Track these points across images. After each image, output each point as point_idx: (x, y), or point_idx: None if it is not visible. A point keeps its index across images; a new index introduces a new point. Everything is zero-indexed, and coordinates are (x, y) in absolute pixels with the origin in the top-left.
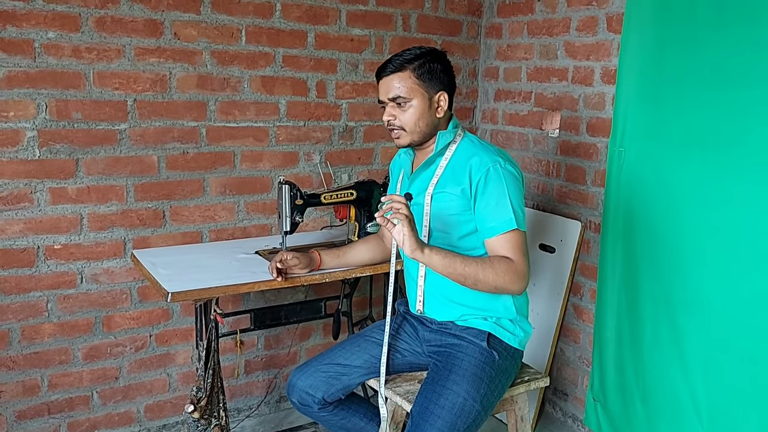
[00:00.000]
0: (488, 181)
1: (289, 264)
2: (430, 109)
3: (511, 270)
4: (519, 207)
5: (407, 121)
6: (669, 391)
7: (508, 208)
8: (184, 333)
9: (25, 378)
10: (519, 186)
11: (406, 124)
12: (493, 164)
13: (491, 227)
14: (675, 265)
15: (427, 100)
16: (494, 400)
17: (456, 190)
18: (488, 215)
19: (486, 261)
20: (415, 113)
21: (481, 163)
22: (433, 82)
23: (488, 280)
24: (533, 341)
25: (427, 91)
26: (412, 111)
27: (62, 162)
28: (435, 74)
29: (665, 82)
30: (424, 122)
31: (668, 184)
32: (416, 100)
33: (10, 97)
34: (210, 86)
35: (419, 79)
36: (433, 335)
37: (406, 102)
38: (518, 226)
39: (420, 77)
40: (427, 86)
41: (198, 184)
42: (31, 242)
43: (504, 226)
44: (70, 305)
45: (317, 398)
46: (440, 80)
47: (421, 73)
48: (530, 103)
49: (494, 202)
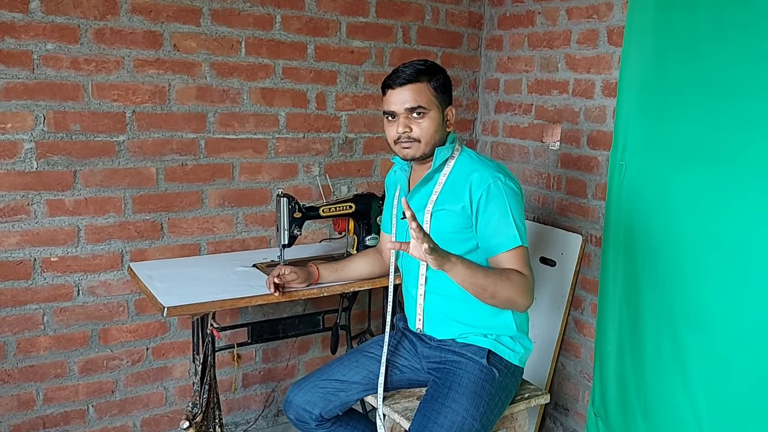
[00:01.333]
0: (490, 197)
1: (287, 279)
2: (443, 123)
3: (524, 284)
4: (521, 223)
5: (424, 133)
6: (671, 407)
7: (511, 225)
8: (182, 346)
9: (20, 391)
10: (519, 201)
11: (422, 136)
12: (494, 180)
13: (495, 244)
14: (676, 279)
15: (441, 113)
16: (494, 419)
17: (456, 207)
18: (491, 232)
19: (503, 273)
20: (433, 125)
21: (482, 179)
22: (445, 96)
23: (504, 292)
24: (534, 355)
25: (440, 104)
26: (429, 123)
27: (60, 174)
28: (447, 88)
29: (666, 94)
30: (438, 135)
31: (669, 198)
32: (433, 112)
33: (8, 108)
34: (209, 98)
35: (435, 91)
36: (432, 352)
37: (425, 113)
38: (522, 243)
39: (436, 89)
40: (441, 99)
41: (196, 196)
42: (27, 254)
43: (509, 243)
44: (67, 318)
45: (315, 415)
46: (449, 95)
47: (437, 86)
48: (531, 116)
49: (497, 219)
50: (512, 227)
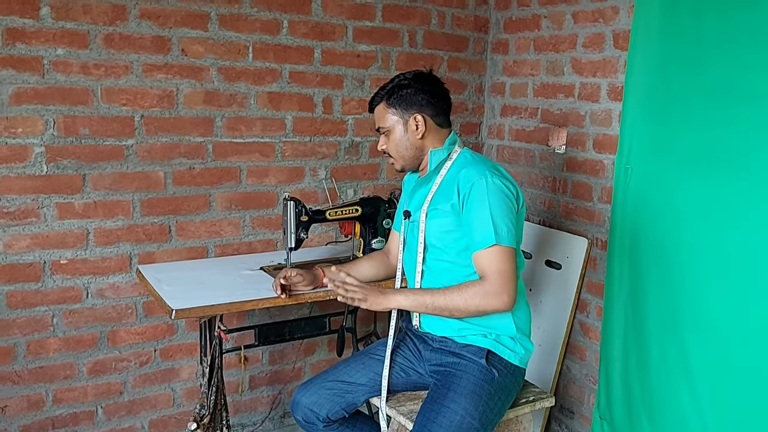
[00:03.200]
0: (471, 194)
1: (293, 281)
2: (406, 133)
3: (481, 291)
4: (502, 221)
5: (391, 148)
6: (676, 410)
7: (488, 223)
8: (189, 348)
9: (30, 392)
10: (505, 200)
11: (391, 151)
12: (479, 178)
13: (474, 242)
14: (681, 283)
15: (403, 125)
16: (494, 418)
17: (446, 206)
18: (471, 230)
19: (455, 288)
20: (394, 140)
21: (468, 177)
22: (404, 107)
23: (459, 306)
24: (539, 358)
25: (401, 117)
26: (394, 139)
27: (69, 177)
28: (406, 98)
29: (672, 98)
30: (403, 146)
31: (675, 202)
32: (396, 127)
33: (18, 113)
34: (217, 102)
35: (392, 107)
36: (433, 354)
37: (388, 133)
38: (498, 241)
39: (392, 105)
40: (401, 112)
41: (204, 199)
42: (37, 257)
43: (484, 242)
44: (76, 320)
45: (321, 416)
46: (414, 103)
47: (393, 102)
48: (537, 119)
49: (474, 218)
50: (489, 225)
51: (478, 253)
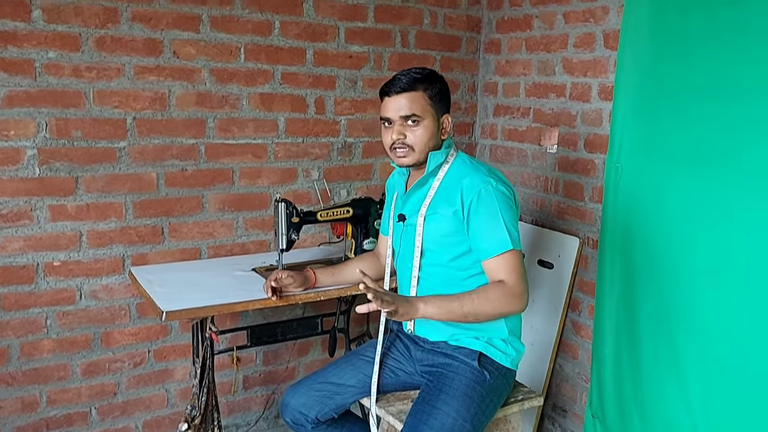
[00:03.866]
0: (480, 202)
1: (284, 283)
2: (437, 131)
3: (507, 294)
4: (513, 226)
5: (418, 140)
6: (667, 409)
7: (502, 229)
8: (183, 349)
9: (24, 394)
10: (511, 205)
11: (416, 144)
12: (484, 185)
13: (486, 248)
14: (672, 281)
15: (436, 121)
16: (485, 420)
17: (448, 212)
18: (482, 236)
19: (480, 293)
20: (427, 133)
21: (473, 184)
22: (441, 104)
23: (486, 311)
24: (532, 357)
25: (436, 113)
26: (423, 131)
27: (62, 180)
28: (443, 96)
29: (661, 97)
30: (432, 143)
31: (665, 200)
32: (428, 120)
33: (10, 116)
34: (209, 104)
35: (431, 100)
36: (425, 355)
37: (420, 121)
38: (513, 246)
39: (431, 98)
40: (437, 107)
41: (197, 200)
42: (30, 259)
43: (499, 248)
44: (69, 321)
45: (310, 417)
46: (446, 103)
47: (433, 94)
48: (529, 119)
49: (487, 223)
50: (503, 230)
51: (493, 258)
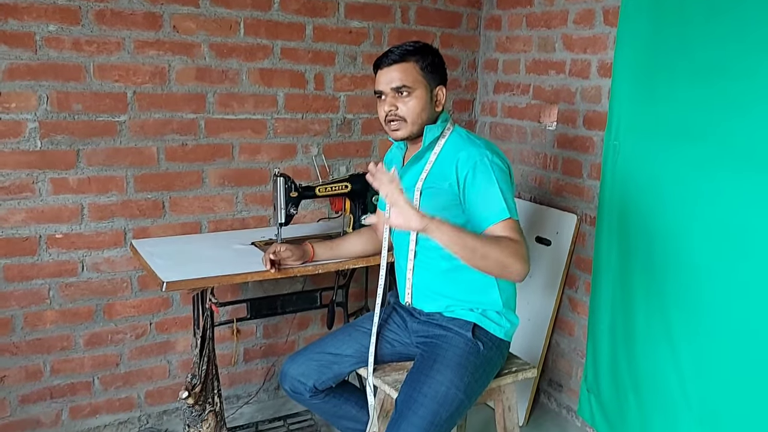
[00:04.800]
0: (476, 173)
1: (282, 256)
2: (431, 102)
3: (516, 250)
4: (509, 197)
5: (410, 111)
6: (661, 383)
7: (499, 198)
8: (184, 321)
9: (28, 363)
10: (507, 178)
11: (408, 115)
12: (480, 157)
13: (484, 218)
14: (667, 258)
15: (429, 92)
16: (478, 389)
17: (444, 185)
18: (479, 207)
19: (492, 238)
20: (418, 104)
21: (468, 156)
22: (434, 75)
23: (494, 254)
24: (528, 333)
25: (429, 84)
26: (415, 102)
27: (63, 153)
28: (436, 68)
29: (659, 75)
30: (425, 114)
31: (661, 178)
32: (419, 91)
33: (12, 89)
34: (209, 78)
35: (423, 71)
36: (420, 326)
37: (411, 92)
38: (511, 215)
39: (423, 69)
40: (429, 78)
41: (197, 175)
42: (33, 231)
43: (498, 216)
44: (72, 293)
45: (308, 386)
46: (440, 74)
47: (424, 65)
48: (528, 96)
49: (484, 194)
50: (500, 200)
51: (492, 227)
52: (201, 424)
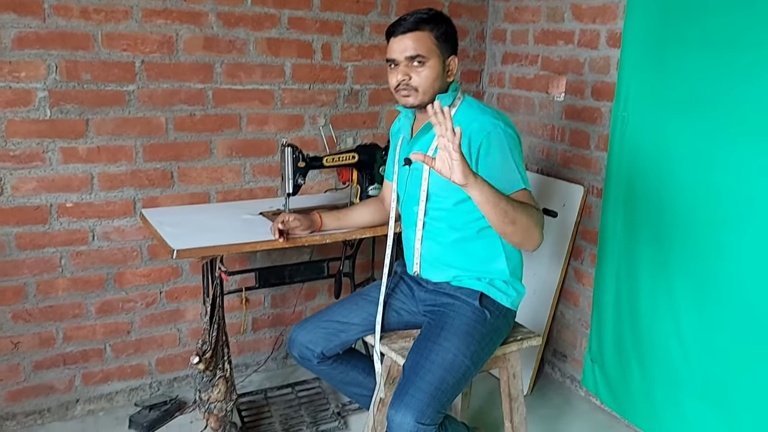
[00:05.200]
0: (490, 144)
1: (291, 225)
2: (443, 72)
3: (538, 219)
4: (522, 168)
5: (423, 81)
6: (664, 355)
7: (513, 169)
8: (193, 290)
9: (41, 330)
10: (518, 148)
11: (420, 85)
12: (493, 127)
13: (500, 188)
14: (673, 230)
15: (442, 62)
16: (485, 357)
17: None
18: (493, 178)
19: (521, 204)
20: (432, 74)
21: (481, 127)
22: (447, 45)
23: (524, 219)
24: (534, 304)
25: (442, 53)
26: (429, 72)
27: (73, 122)
28: (449, 37)
29: (669, 45)
30: (438, 84)
31: (669, 150)
32: (433, 61)
33: (21, 57)
34: (216, 48)
35: (437, 40)
36: (427, 295)
37: (425, 62)
38: (525, 186)
39: (437, 38)
40: (443, 48)
41: (205, 145)
42: (44, 200)
43: (513, 186)
44: (83, 261)
45: (316, 353)
46: (452, 44)
47: (439, 34)
48: (537, 67)
49: (499, 164)
50: (514, 171)
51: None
52: (212, 390)
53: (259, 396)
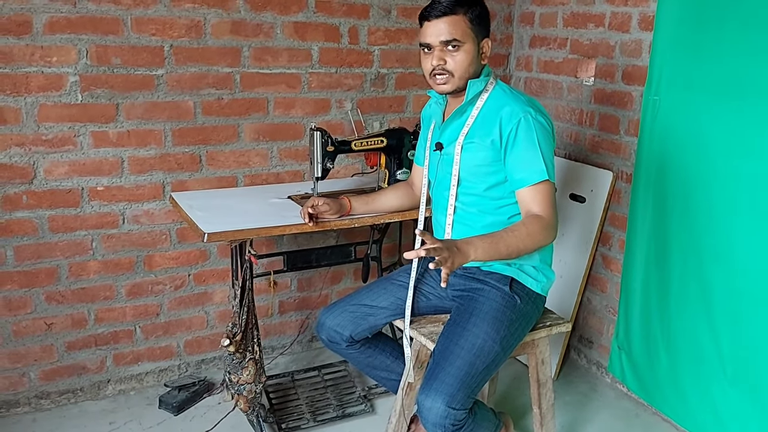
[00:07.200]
0: (519, 132)
1: (320, 209)
2: (478, 56)
3: (543, 227)
4: (549, 158)
5: (458, 65)
6: (694, 342)
7: (539, 159)
8: (221, 273)
9: (73, 312)
10: (549, 137)
11: (456, 69)
12: (524, 115)
13: (521, 178)
14: (706, 216)
15: (476, 45)
16: (514, 342)
17: (486, 141)
18: (518, 166)
19: (521, 228)
20: (467, 58)
21: (512, 113)
22: (481, 28)
23: (527, 246)
24: (560, 290)
25: (476, 36)
26: (464, 56)
27: (103, 106)
28: (483, 20)
29: (705, 28)
30: (473, 68)
31: (703, 134)
32: (468, 45)
33: (53, 42)
34: (244, 32)
35: (471, 23)
36: (457, 280)
37: (460, 46)
38: (549, 177)
39: (472, 21)
40: (477, 31)
41: (233, 129)
42: (75, 184)
43: (535, 177)
44: (113, 244)
45: (345, 336)
46: (486, 26)
47: (473, 17)
48: (566, 50)
49: (525, 153)
50: (540, 161)
51: (528, 188)
52: (241, 371)
53: (286, 378)
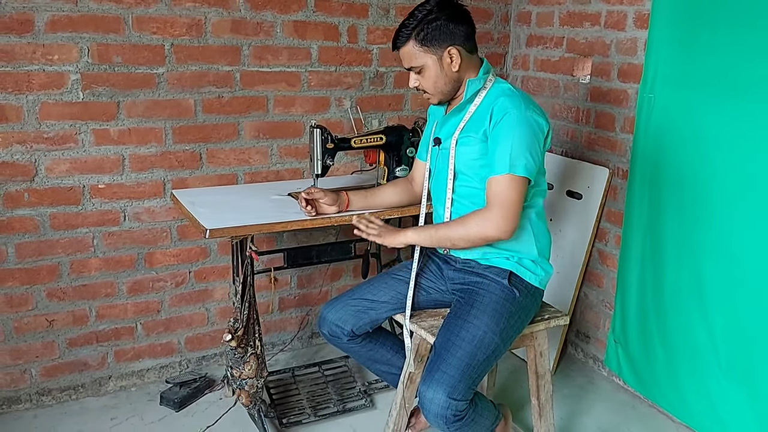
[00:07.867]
0: (501, 123)
1: (315, 197)
2: (443, 69)
3: (480, 218)
4: (521, 153)
5: (428, 85)
6: (689, 335)
7: (507, 152)
8: (221, 271)
9: (74, 308)
10: (534, 134)
11: (428, 87)
12: (514, 108)
13: (492, 169)
14: (701, 211)
15: (438, 60)
16: (513, 335)
17: (479, 134)
18: (493, 157)
19: (457, 220)
20: (431, 77)
21: (503, 106)
22: (437, 42)
23: (461, 235)
24: (558, 285)
25: (434, 53)
26: (429, 75)
27: (104, 104)
28: (437, 32)
29: (699, 26)
30: (441, 82)
31: (697, 131)
32: (428, 64)
33: (54, 40)
34: (244, 31)
35: (423, 45)
36: (456, 274)
37: (421, 70)
38: (510, 171)
39: (422, 43)
40: (433, 48)
41: (233, 127)
42: (77, 181)
43: (499, 169)
44: (114, 242)
45: (346, 330)
46: (445, 35)
47: (423, 38)
48: (562, 49)
49: (496, 146)
50: (506, 154)
51: (491, 179)
52: (243, 366)
53: (287, 374)
